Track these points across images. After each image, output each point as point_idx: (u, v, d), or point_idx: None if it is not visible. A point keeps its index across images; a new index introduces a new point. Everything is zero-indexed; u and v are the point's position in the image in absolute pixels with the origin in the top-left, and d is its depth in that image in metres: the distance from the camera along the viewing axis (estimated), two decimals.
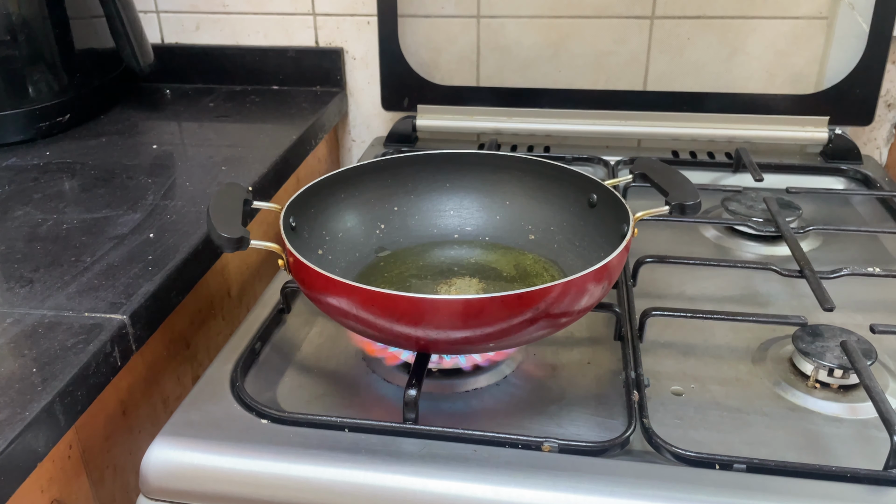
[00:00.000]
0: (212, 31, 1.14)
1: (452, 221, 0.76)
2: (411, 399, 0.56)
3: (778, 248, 0.82)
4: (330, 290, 0.56)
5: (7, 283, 0.66)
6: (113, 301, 0.63)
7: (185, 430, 0.56)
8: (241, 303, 0.87)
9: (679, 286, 0.75)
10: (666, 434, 0.54)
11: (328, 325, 0.70)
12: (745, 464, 0.52)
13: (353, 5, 1.09)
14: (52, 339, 0.58)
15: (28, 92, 0.94)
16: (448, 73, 1.09)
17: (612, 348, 0.66)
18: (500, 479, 0.52)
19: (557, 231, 0.72)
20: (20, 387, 0.53)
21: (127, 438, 0.67)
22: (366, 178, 0.74)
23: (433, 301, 0.53)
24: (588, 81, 1.06)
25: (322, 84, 1.13)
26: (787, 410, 0.59)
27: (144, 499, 0.56)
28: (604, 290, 0.58)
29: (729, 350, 0.66)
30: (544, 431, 0.57)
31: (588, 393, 0.61)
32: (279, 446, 0.55)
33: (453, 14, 1.05)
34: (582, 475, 0.52)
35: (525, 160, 0.75)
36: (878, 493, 0.50)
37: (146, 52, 1.00)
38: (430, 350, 0.58)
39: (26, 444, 0.50)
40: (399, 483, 0.52)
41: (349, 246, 0.72)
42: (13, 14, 0.91)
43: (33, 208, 0.79)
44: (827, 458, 0.54)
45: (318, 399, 0.62)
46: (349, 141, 1.19)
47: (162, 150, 0.93)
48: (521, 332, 0.56)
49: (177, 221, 0.76)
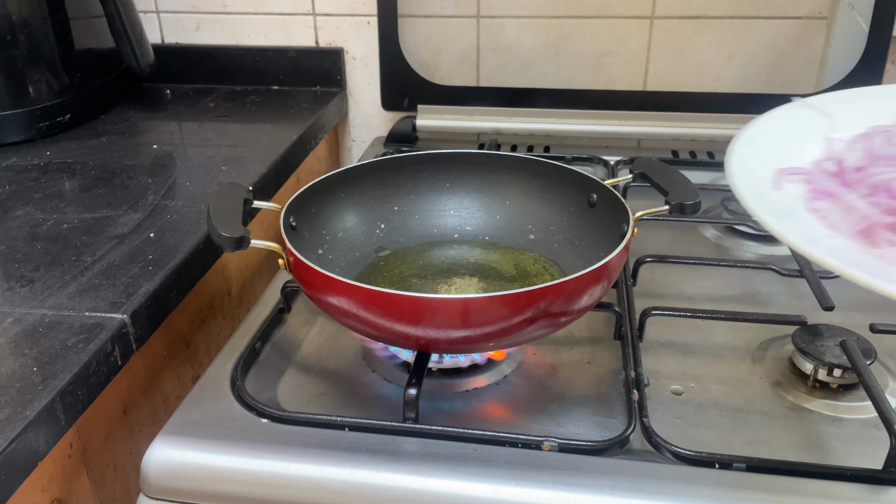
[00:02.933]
0: (212, 31, 1.14)
1: (452, 221, 0.76)
2: (411, 398, 0.56)
3: (778, 248, 0.82)
4: (330, 289, 0.56)
5: (7, 282, 0.66)
6: (113, 300, 0.63)
7: (186, 430, 0.57)
8: (241, 302, 0.87)
9: (679, 286, 0.75)
10: (666, 433, 0.54)
11: (328, 324, 0.70)
12: (744, 463, 0.52)
13: (353, 5, 1.09)
14: (52, 339, 0.58)
15: (28, 92, 0.94)
16: (448, 73, 1.09)
17: (612, 348, 0.66)
18: (500, 479, 0.52)
19: (557, 231, 0.72)
20: (21, 386, 0.54)
21: (127, 438, 0.67)
22: (366, 178, 0.74)
23: (433, 300, 0.53)
24: (588, 81, 1.06)
25: (322, 84, 1.13)
26: (786, 410, 0.59)
27: (145, 498, 0.56)
28: (603, 290, 0.59)
29: (729, 350, 0.66)
30: (544, 431, 0.57)
31: (588, 392, 0.61)
32: (279, 446, 0.55)
33: (453, 14, 1.06)
34: (582, 474, 0.52)
35: (525, 160, 0.75)
36: (878, 493, 0.50)
37: (146, 52, 1.00)
38: (430, 349, 0.58)
39: (27, 443, 0.50)
40: (399, 482, 0.52)
41: (349, 245, 0.72)
42: (13, 14, 0.91)
43: (34, 208, 0.79)
44: (827, 458, 0.55)
45: (318, 398, 0.62)
46: (349, 141, 1.19)
47: (162, 150, 0.94)
48: (521, 332, 0.56)
49: (177, 221, 0.76)
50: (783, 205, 0.45)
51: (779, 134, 0.52)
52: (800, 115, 0.53)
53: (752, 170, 0.48)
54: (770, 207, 0.44)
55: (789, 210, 0.44)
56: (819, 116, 0.50)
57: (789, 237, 0.41)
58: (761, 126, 0.52)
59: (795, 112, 0.53)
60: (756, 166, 0.48)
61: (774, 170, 0.47)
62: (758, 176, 0.47)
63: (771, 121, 0.53)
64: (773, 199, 0.46)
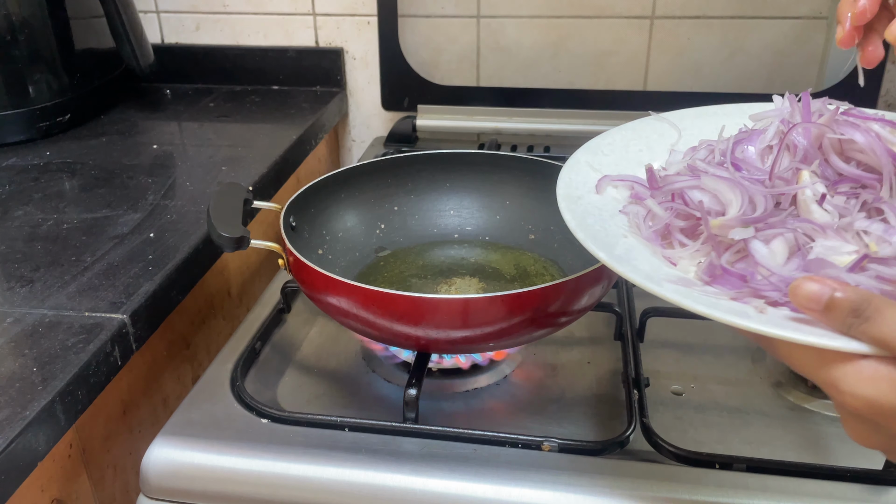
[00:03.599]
0: (212, 31, 1.14)
1: (452, 221, 0.76)
2: (411, 399, 0.56)
3: None
4: (330, 289, 0.56)
5: (7, 282, 0.66)
6: (113, 301, 0.63)
7: (186, 430, 0.57)
8: (241, 302, 0.87)
9: None
10: (666, 434, 0.54)
11: (328, 324, 0.70)
12: (744, 463, 0.52)
13: (353, 5, 1.09)
14: (52, 339, 0.58)
15: (28, 92, 0.94)
16: (448, 73, 1.09)
17: (612, 348, 0.66)
18: (500, 479, 0.52)
19: (557, 231, 0.72)
20: (20, 386, 0.53)
21: (127, 438, 0.67)
22: (366, 178, 0.74)
23: (433, 301, 0.53)
24: (588, 81, 1.06)
25: (322, 84, 1.13)
26: (786, 410, 0.59)
27: (145, 498, 0.56)
28: (603, 290, 0.59)
29: (729, 350, 0.66)
30: (544, 431, 0.57)
31: (588, 393, 0.61)
32: (279, 446, 0.55)
33: (453, 14, 1.06)
34: (582, 475, 0.52)
35: (525, 160, 0.75)
36: (878, 493, 0.50)
37: (146, 52, 1.00)
38: (430, 350, 0.58)
39: (27, 443, 0.50)
40: (399, 483, 0.52)
41: (349, 245, 0.72)
42: (13, 14, 0.91)
43: (33, 208, 0.79)
44: (827, 458, 0.55)
45: (318, 398, 0.62)
46: (349, 141, 1.19)
47: (162, 150, 0.94)
48: (521, 332, 0.56)
49: (177, 221, 0.76)
50: (595, 207, 0.48)
51: (624, 145, 0.54)
52: (651, 128, 0.56)
53: (582, 174, 0.51)
54: (576, 208, 0.46)
55: (599, 212, 0.47)
56: (671, 130, 0.52)
57: (578, 234, 0.44)
58: (608, 136, 0.55)
59: (648, 125, 0.56)
60: (588, 172, 0.51)
61: (602, 176, 0.50)
62: (585, 180, 0.50)
63: (620, 132, 0.56)
64: (590, 201, 0.48)
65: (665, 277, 0.41)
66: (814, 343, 0.33)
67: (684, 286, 0.40)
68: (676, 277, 0.41)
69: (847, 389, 0.32)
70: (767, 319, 0.36)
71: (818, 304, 0.34)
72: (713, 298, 0.39)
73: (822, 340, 0.33)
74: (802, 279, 0.35)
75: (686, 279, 0.41)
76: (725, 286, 0.40)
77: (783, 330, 0.34)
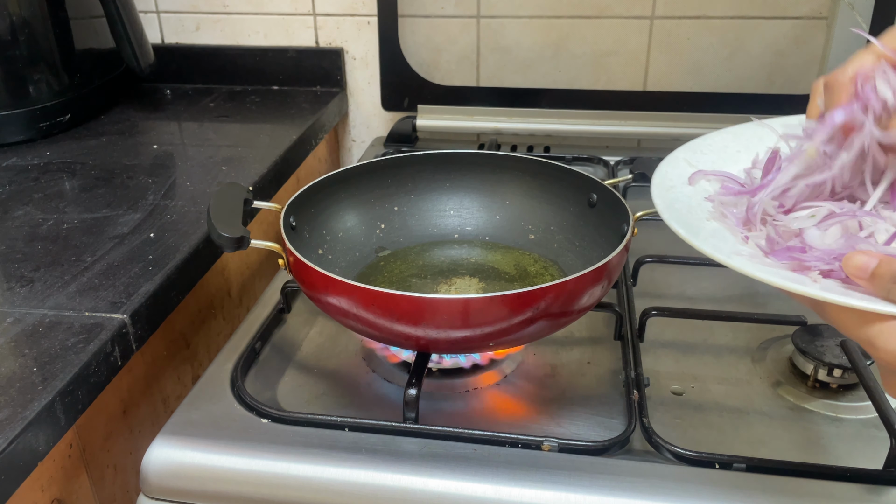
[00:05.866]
0: (212, 31, 1.14)
1: (452, 221, 0.76)
2: (411, 398, 0.56)
3: None
4: (330, 289, 0.56)
5: (7, 282, 0.66)
6: (113, 300, 0.63)
7: (186, 430, 0.57)
8: (241, 303, 0.87)
9: (679, 286, 0.75)
10: (666, 433, 0.55)
11: (328, 324, 0.70)
12: (744, 463, 0.52)
13: (353, 5, 1.09)
14: (52, 339, 0.58)
15: (28, 92, 0.94)
16: (448, 73, 1.09)
17: (612, 348, 0.66)
18: (500, 479, 0.52)
19: (557, 231, 0.72)
20: (21, 386, 0.53)
21: (127, 438, 0.67)
22: (366, 178, 0.74)
23: (433, 301, 0.53)
24: (588, 81, 1.06)
25: (322, 84, 1.13)
26: (786, 410, 0.59)
27: (145, 498, 0.56)
28: (603, 290, 0.59)
29: (729, 350, 0.66)
30: (544, 431, 0.57)
31: (588, 392, 0.61)
32: (279, 446, 0.55)
33: (453, 14, 1.06)
34: (582, 474, 0.52)
35: (525, 160, 0.75)
36: (878, 493, 0.50)
37: (146, 52, 1.00)
38: (431, 350, 0.58)
39: (27, 443, 0.50)
40: (399, 483, 0.52)
41: (349, 245, 0.72)
42: (13, 14, 0.91)
43: (33, 208, 0.79)
44: (827, 458, 0.55)
45: (318, 398, 0.62)
46: (349, 141, 1.19)
47: (162, 150, 0.94)
48: (521, 332, 0.56)
49: (177, 221, 0.76)
50: (685, 195, 0.51)
51: (723, 146, 0.56)
52: (751, 132, 0.57)
53: (678, 168, 0.53)
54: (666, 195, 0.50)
55: (688, 199, 0.50)
56: (771, 135, 0.53)
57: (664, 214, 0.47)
58: (708, 138, 0.58)
59: (749, 129, 0.58)
60: (684, 167, 0.53)
61: (696, 170, 0.53)
62: (680, 174, 0.53)
63: (720, 134, 0.58)
64: (681, 191, 0.51)
65: (734, 251, 0.45)
66: (856, 305, 0.38)
67: (749, 259, 0.44)
68: (745, 251, 0.45)
69: (882, 346, 0.37)
70: (821, 286, 0.41)
71: (865, 272, 0.39)
72: (778, 269, 0.43)
73: (862, 303, 0.38)
74: (854, 252, 0.40)
75: (752, 252, 0.45)
76: (781, 258, 0.44)
77: (834, 294, 0.39)
